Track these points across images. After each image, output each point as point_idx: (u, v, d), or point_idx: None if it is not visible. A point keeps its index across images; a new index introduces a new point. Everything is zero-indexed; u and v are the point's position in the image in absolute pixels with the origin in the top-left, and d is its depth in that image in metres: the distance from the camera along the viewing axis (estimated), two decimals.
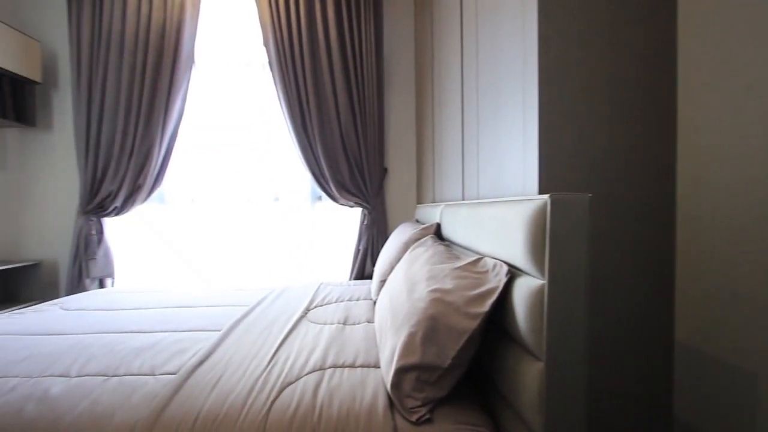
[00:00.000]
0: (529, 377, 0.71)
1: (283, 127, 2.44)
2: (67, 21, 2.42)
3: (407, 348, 0.84)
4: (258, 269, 2.66)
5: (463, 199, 1.48)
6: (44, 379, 0.92)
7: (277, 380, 0.92)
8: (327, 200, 2.53)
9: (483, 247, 1.00)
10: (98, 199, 2.42)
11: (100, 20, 2.37)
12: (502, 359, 0.84)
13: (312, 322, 1.35)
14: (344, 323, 1.32)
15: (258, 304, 1.56)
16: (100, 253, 2.46)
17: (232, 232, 2.66)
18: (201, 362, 1.00)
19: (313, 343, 1.13)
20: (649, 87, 0.93)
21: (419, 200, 2.55)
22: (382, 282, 1.49)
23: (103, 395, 0.86)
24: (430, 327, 0.83)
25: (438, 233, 1.57)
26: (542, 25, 0.89)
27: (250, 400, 0.84)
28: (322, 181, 2.43)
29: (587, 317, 0.68)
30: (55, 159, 2.61)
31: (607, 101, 0.92)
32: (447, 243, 1.41)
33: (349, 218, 2.61)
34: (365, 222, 2.48)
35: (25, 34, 2.36)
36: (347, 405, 0.83)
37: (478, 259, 0.96)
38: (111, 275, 2.50)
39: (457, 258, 1.10)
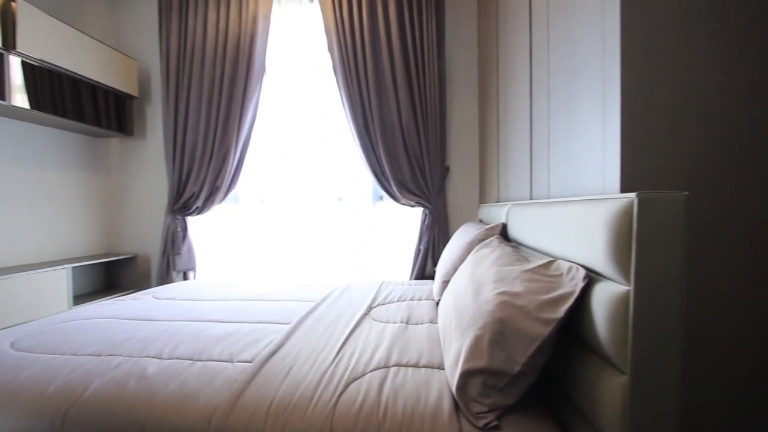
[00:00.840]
0: (610, 392, 0.66)
1: (346, 129, 2.51)
2: (158, 41, 2.70)
3: (473, 351, 0.82)
4: (322, 267, 2.76)
5: (531, 199, 1.42)
6: (142, 360, 1.04)
7: (344, 375, 0.94)
8: (388, 200, 2.55)
9: (555, 248, 0.95)
10: (183, 199, 2.68)
11: (185, 39, 2.62)
12: (577, 369, 0.79)
13: (375, 320, 1.37)
14: (407, 323, 1.32)
15: (323, 300, 1.62)
16: (184, 248, 2.72)
17: (298, 231, 2.79)
18: (273, 353, 1.06)
19: (376, 340, 1.15)
20: (758, 75, 0.81)
21: (482, 200, 2.48)
22: (445, 283, 1.47)
23: (190, 377, 0.94)
24: (498, 331, 0.80)
25: (504, 234, 1.52)
26: (625, 6, 0.81)
27: (318, 392, 0.88)
28: (383, 180, 2.46)
29: (682, 328, 0.61)
30: (148, 164, 2.93)
31: (705, 90, 0.82)
32: (514, 244, 1.35)
33: (410, 218, 2.61)
34: (426, 222, 2.46)
35: (126, 55, 2.68)
36: (412, 404, 0.83)
37: (550, 262, 0.90)
38: (193, 269, 2.75)
39: (526, 260, 1.05)
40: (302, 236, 2.79)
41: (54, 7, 2.48)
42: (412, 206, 2.49)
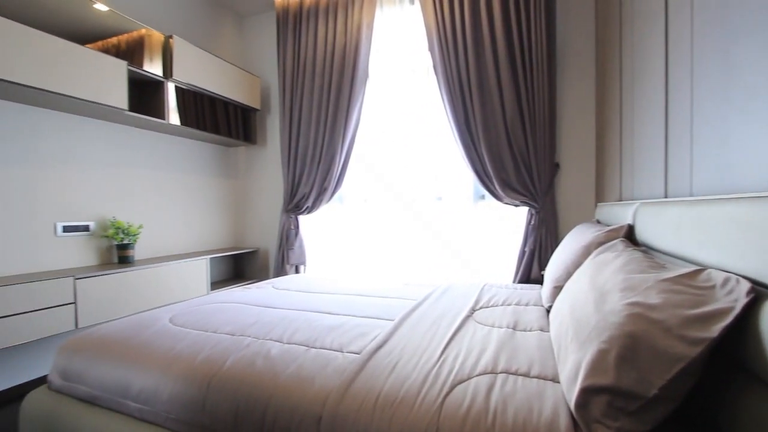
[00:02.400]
0: None
1: (447, 128, 2.48)
2: (276, 58, 3.02)
3: (596, 366, 0.73)
4: (421, 266, 2.78)
5: (666, 197, 1.22)
6: (266, 342, 1.17)
7: (449, 376, 0.93)
8: (490, 199, 2.46)
9: (705, 256, 0.80)
10: (295, 200, 2.95)
11: (299, 53, 2.88)
12: (737, 402, 0.65)
13: (479, 323, 1.33)
14: (514, 328, 1.25)
15: (425, 299, 1.62)
16: (296, 244, 2.99)
17: (398, 230, 2.86)
18: (379, 347, 1.10)
19: (482, 344, 1.11)
20: None
21: (599, 198, 2.23)
22: (557, 288, 1.36)
23: (305, 362, 1.03)
24: (628, 346, 0.71)
25: (629, 236, 1.34)
26: None
27: (424, 390, 0.88)
28: (485, 179, 2.37)
29: None
30: (267, 169, 3.29)
31: None
32: (643, 248, 1.18)
33: (514, 218, 2.47)
34: (532, 222, 2.31)
35: (250, 73, 3.06)
36: (523, 416, 0.78)
37: (697, 271, 0.77)
38: (304, 263, 3.01)
39: (662, 267, 0.90)
40: (402, 235, 2.84)
41: (198, 37, 2.94)
42: (517, 206, 2.36)
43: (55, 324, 1.81)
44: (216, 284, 2.96)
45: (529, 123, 2.24)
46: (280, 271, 3.00)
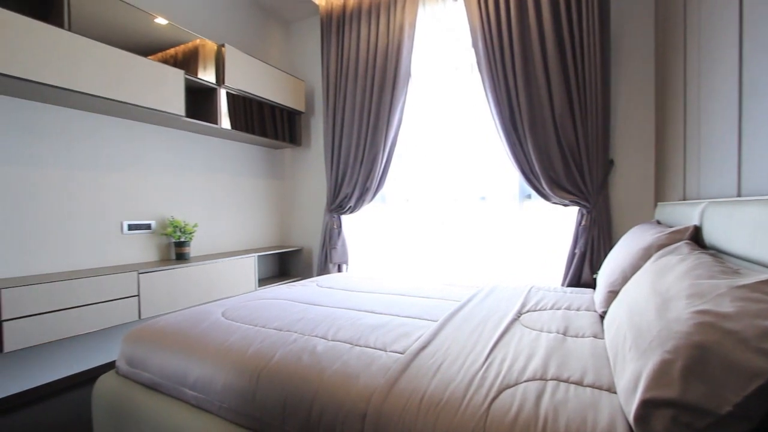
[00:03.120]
0: None
1: (490, 126, 2.42)
2: (321, 61, 3.08)
3: (659, 377, 0.68)
4: (464, 267, 2.73)
5: (740, 195, 1.11)
6: (312, 338, 1.20)
7: (495, 380, 0.90)
8: (537, 198, 2.36)
9: None
10: (338, 200, 3.00)
11: (342, 56, 2.93)
12: None
13: (526, 326, 1.28)
14: (564, 334, 1.20)
15: (469, 300, 1.59)
16: (339, 243, 3.04)
17: (441, 230, 2.82)
18: (423, 347, 1.09)
19: (530, 349, 1.07)
20: None
21: (659, 197, 2.07)
22: (612, 293, 1.28)
23: (350, 359, 1.04)
24: (696, 358, 0.65)
25: (695, 238, 1.23)
26: None
27: (469, 393, 0.86)
28: (532, 178, 2.28)
29: None
30: (311, 170, 3.38)
31: None
32: (712, 252, 1.08)
33: (563, 218, 2.37)
34: (583, 222, 2.19)
35: (295, 77, 3.15)
36: (576, 426, 0.74)
37: None
38: (346, 262, 3.06)
39: (736, 273, 0.82)
40: (445, 235, 2.81)
41: (247, 44, 3.08)
42: (566, 205, 2.25)
43: (121, 314, 1.96)
44: (263, 281, 3.08)
45: (580, 118, 2.13)
46: (323, 270, 3.07)
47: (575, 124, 2.15)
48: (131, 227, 2.30)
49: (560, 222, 2.39)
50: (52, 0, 1.80)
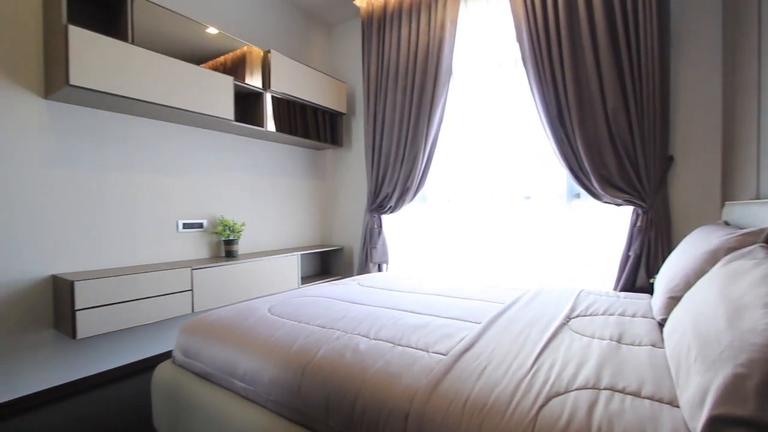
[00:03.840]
0: None
1: (536, 122, 2.33)
2: (361, 63, 3.12)
3: (731, 393, 0.62)
4: (507, 268, 2.65)
5: None
6: (354, 336, 1.21)
7: (543, 387, 0.87)
8: (586, 198, 2.25)
9: None
10: (379, 200, 3.02)
11: (382, 56, 2.94)
12: None
13: (576, 332, 1.22)
14: (619, 341, 1.13)
15: (513, 303, 1.54)
16: (379, 243, 3.06)
17: (482, 230, 2.76)
18: (466, 349, 1.07)
19: (581, 356, 1.02)
20: None
21: (727, 196, 1.90)
22: (672, 299, 1.19)
23: (392, 359, 1.04)
24: None
25: None
26: None
27: (516, 398, 0.83)
28: (581, 176, 2.17)
29: None
30: (352, 170, 3.43)
31: None
32: None
33: (615, 218, 2.23)
34: (638, 223, 2.05)
35: (337, 79, 3.21)
36: None
37: None
38: (386, 261, 3.07)
39: None
40: (487, 236, 2.74)
41: (291, 49, 3.18)
42: (619, 205, 2.12)
43: (177, 307, 2.09)
44: (305, 279, 3.16)
45: (635, 112, 2.00)
46: (364, 269, 3.10)
47: (630, 118, 2.02)
48: (185, 226, 2.45)
49: (612, 223, 2.26)
50: (117, 17, 1.95)
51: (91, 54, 1.75)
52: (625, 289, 2.08)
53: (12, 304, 1.79)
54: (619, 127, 2.03)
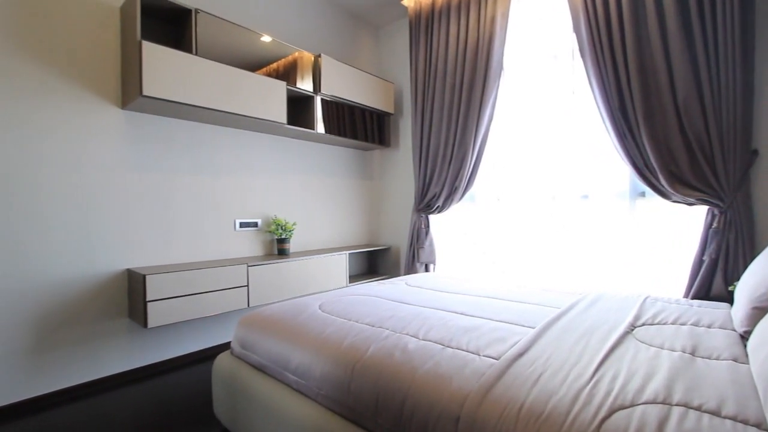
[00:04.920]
0: None
1: (594, 117, 2.19)
2: (409, 62, 3.11)
3: None
4: (563, 271, 2.52)
5: None
6: (403, 336, 1.21)
7: (606, 398, 0.81)
8: (652, 196, 2.08)
9: None
10: (426, 199, 2.99)
11: (430, 55, 2.91)
12: None
13: (641, 341, 1.13)
14: (693, 353, 1.03)
15: (570, 308, 1.46)
16: (427, 243, 3.03)
17: (535, 231, 2.65)
18: (520, 354, 1.03)
19: (648, 368, 0.94)
20: None
21: None
22: (758, 309, 1.07)
23: (442, 360, 1.03)
24: None
25: None
26: None
27: (575, 409, 0.79)
28: (646, 173, 2.01)
29: None
30: (399, 170, 3.43)
31: None
32: None
33: (686, 219, 2.04)
34: (715, 224, 1.86)
35: (384, 79, 3.23)
36: None
37: None
38: (433, 262, 3.04)
39: None
40: (540, 236, 2.62)
41: (340, 52, 3.24)
42: (691, 204, 1.93)
43: (234, 301, 2.22)
44: (353, 278, 3.21)
45: (711, 103, 1.81)
46: (411, 269, 3.09)
47: (704, 110, 1.84)
48: (242, 225, 2.59)
49: (683, 224, 2.07)
50: (183, 30, 2.10)
51: (161, 66, 1.90)
52: (697, 296, 1.90)
53: (94, 294, 1.99)
54: (691, 120, 1.85)
